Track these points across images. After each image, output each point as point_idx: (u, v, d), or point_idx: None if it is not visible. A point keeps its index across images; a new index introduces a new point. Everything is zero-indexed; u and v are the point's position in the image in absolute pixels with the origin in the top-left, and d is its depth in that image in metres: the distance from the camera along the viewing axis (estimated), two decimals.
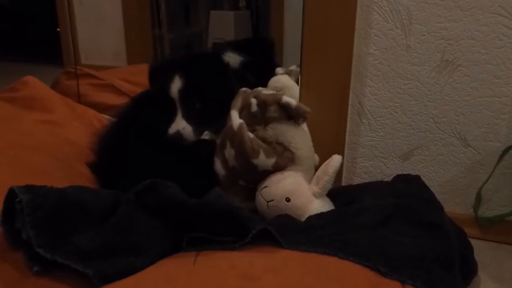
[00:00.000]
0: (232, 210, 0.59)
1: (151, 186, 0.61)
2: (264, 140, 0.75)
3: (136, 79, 1.21)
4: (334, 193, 0.77)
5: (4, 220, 0.53)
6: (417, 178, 0.80)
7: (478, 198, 0.88)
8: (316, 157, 0.86)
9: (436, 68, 0.85)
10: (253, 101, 0.76)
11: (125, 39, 1.66)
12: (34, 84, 0.96)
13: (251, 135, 0.74)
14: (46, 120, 0.89)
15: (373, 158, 0.93)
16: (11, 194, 0.53)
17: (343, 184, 0.96)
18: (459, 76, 0.84)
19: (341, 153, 0.93)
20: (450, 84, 0.85)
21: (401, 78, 0.87)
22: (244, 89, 0.81)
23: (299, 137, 0.77)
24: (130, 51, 1.66)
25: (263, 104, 0.75)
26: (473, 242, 0.77)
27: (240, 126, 0.74)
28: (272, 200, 0.72)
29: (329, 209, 0.72)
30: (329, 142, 0.91)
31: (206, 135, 0.84)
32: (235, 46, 1.16)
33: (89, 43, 1.66)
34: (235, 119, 0.75)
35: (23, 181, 0.66)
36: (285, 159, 0.75)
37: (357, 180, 0.96)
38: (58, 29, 1.74)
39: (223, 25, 1.88)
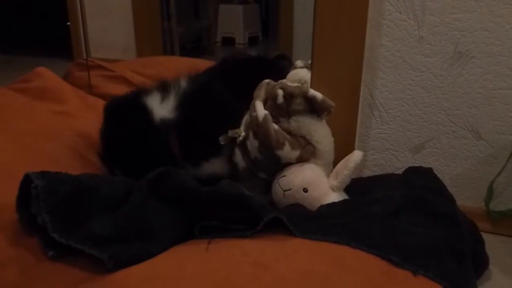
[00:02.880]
0: (244, 198, 0.60)
1: (164, 174, 0.61)
2: (288, 132, 0.75)
3: (146, 71, 1.22)
4: (346, 186, 0.77)
5: (19, 206, 0.54)
6: (429, 170, 0.80)
7: (490, 192, 0.88)
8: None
9: (449, 59, 0.84)
10: (280, 92, 0.75)
11: (135, 32, 1.66)
12: (46, 75, 0.97)
13: (276, 126, 0.74)
14: (58, 110, 0.90)
15: (384, 151, 0.93)
16: (27, 180, 0.53)
17: (353, 177, 0.95)
18: (472, 68, 0.83)
19: (352, 145, 0.92)
20: (463, 76, 0.84)
21: (413, 69, 0.86)
22: (267, 80, 0.81)
23: (321, 131, 0.77)
24: (139, 44, 1.67)
25: (289, 96, 0.75)
26: (484, 236, 0.77)
27: (266, 117, 0.73)
28: (290, 190, 0.72)
29: None
30: (340, 134, 0.90)
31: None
32: None
33: (99, 36, 1.67)
34: (260, 110, 0.74)
35: (36, 169, 0.67)
36: (308, 152, 0.75)
37: (367, 173, 0.95)
38: (68, 23, 1.75)
39: (232, 19, 1.88)
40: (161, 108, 0.78)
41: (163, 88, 0.83)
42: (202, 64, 1.25)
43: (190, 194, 0.59)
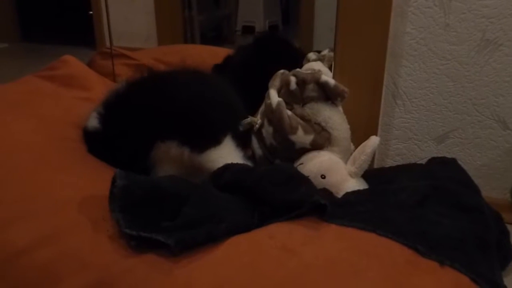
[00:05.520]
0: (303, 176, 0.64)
1: (224, 167, 0.66)
2: (302, 118, 0.76)
3: (168, 59, 1.23)
4: (368, 175, 0.76)
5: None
6: (453, 160, 0.79)
7: None
8: (352, 146, 0.85)
9: (476, 47, 0.82)
10: (292, 79, 0.76)
11: (156, 21, 1.68)
12: (73, 63, 0.99)
13: (289, 112, 0.75)
14: (84, 97, 0.91)
15: (407, 140, 0.92)
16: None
17: (375, 166, 0.95)
18: (500, 56, 0.81)
19: (374, 134, 0.91)
20: (490, 64, 0.82)
21: (439, 58, 0.85)
22: (282, 70, 0.81)
23: (336, 118, 0.77)
24: (160, 33, 1.68)
25: (302, 82, 0.76)
26: (509, 227, 0.76)
27: (279, 103, 0.74)
28: (307, 177, 0.72)
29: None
30: (362, 123, 0.90)
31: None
32: None
33: (120, 25, 1.69)
34: (274, 97, 0.76)
35: (67, 155, 0.69)
36: (323, 138, 0.76)
37: (389, 163, 0.95)
38: (91, 12, 1.77)
39: (252, 7, 1.88)
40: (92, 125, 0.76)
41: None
42: (222, 52, 1.25)
43: (250, 173, 0.62)
